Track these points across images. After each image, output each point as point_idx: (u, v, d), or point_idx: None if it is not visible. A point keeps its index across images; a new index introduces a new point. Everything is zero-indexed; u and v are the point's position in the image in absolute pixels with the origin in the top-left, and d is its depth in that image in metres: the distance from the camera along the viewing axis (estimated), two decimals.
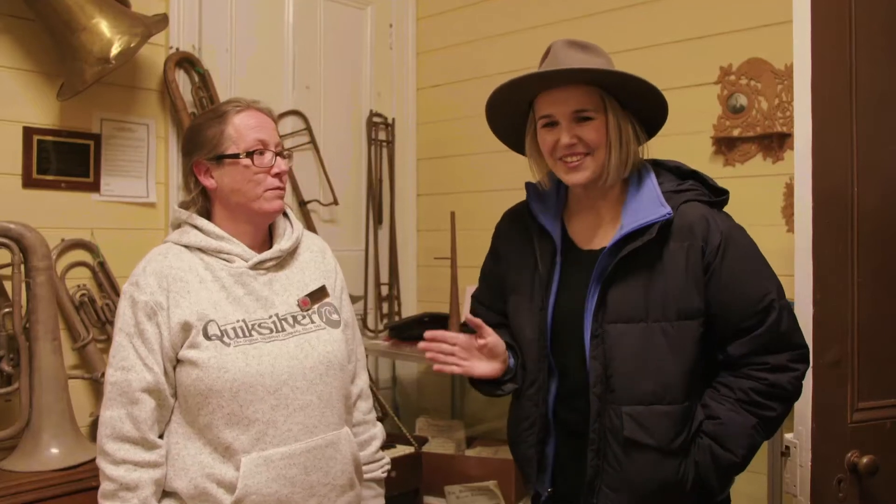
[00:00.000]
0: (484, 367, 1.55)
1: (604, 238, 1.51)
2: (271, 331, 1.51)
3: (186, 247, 1.54)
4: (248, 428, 1.45)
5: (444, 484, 2.77)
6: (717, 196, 1.51)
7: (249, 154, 1.52)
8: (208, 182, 1.55)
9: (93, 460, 2.02)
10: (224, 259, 1.53)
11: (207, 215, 1.58)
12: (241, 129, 1.53)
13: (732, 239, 1.45)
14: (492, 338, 1.53)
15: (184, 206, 1.60)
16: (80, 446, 2.05)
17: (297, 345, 1.52)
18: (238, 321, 1.49)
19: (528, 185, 1.62)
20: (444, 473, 2.79)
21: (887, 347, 1.76)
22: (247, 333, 1.48)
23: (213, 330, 1.46)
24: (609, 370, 1.43)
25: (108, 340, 2.40)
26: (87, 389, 2.37)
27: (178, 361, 1.48)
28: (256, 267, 1.55)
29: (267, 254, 1.56)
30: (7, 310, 2.05)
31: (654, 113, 1.51)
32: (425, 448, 2.89)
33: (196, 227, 1.55)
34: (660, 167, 1.55)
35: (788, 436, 1.68)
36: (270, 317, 1.52)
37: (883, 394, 1.74)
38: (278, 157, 1.56)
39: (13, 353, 2.04)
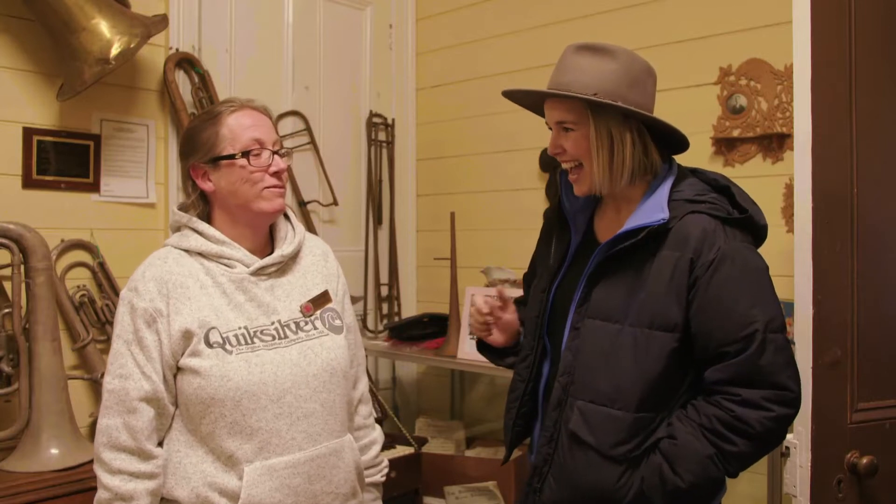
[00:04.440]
0: (499, 338, 1.68)
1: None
2: (273, 338, 1.48)
3: (186, 251, 1.50)
4: (251, 437, 1.43)
5: (444, 484, 2.77)
6: (740, 213, 1.45)
7: (245, 154, 1.48)
8: (206, 185, 1.52)
9: (92, 461, 2.04)
10: (225, 264, 1.50)
11: (208, 219, 1.55)
12: (236, 129, 1.49)
13: (731, 258, 1.38)
14: (509, 316, 1.67)
15: (183, 208, 1.57)
16: (79, 447, 2.05)
17: (300, 352, 1.50)
18: (240, 328, 1.46)
19: (562, 175, 1.61)
20: (443, 474, 2.79)
21: (887, 347, 1.76)
22: (249, 341, 1.46)
23: (214, 337, 1.43)
24: (576, 362, 1.45)
25: (108, 341, 2.40)
26: (86, 390, 2.37)
27: (179, 369, 1.45)
28: (258, 273, 1.52)
29: (268, 259, 1.53)
30: (7, 310, 2.05)
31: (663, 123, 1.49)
32: (425, 448, 2.89)
33: (196, 231, 1.52)
34: (696, 176, 1.53)
35: (788, 436, 1.68)
36: (273, 323, 1.50)
37: (882, 394, 1.74)
38: (276, 156, 1.52)
39: (13, 354, 2.04)
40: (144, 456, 1.42)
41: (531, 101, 1.58)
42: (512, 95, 1.57)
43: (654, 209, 1.43)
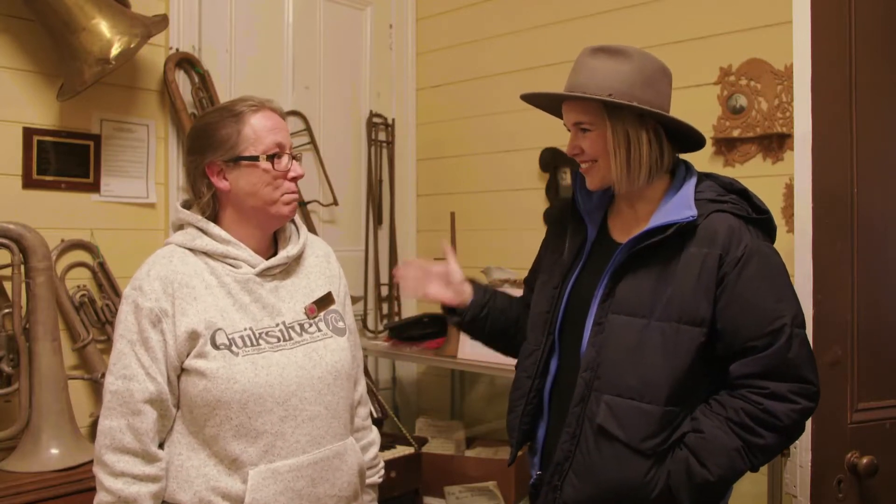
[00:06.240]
0: (440, 291, 1.71)
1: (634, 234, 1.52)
2: (279, 339, 1.47)
3: (191, 250, 1.48)
4: (255, 440, 1.41)
5: (444, 484, 2.77)
6: (758, 214, 1.49)
7: (270, 157, 1.47)
8: (222, 184, 1.48)
9: (92, 461, 2.04)
10: (230, 264, 1.48)
11: (213, 217, 1.53)
12: (260, 131, 1.47)
13: (757, 255, 1.42)
14: (452, 265, 1.72)
15: (186, 205, 1.55)
16: (79, 447, 2.05)
17: (305, 354, 1.49)
18: (245, 329, 1.44)
19: (577, 175, 1.62)
20: (443, 474, 2.79)
21: (887, 347, 1.76)
22: (254, 342, 1.44)
23: (221, 339, 1.42)
24: (600, 357, 1.46)
25: (108, 341, 2.40)
26: (86, 390, 2.37)
27: (183, 370, 1.43)
28: (263, 273, 1.50)
29: (274, 260, 1.52)
30: (7, 310, 2.05)
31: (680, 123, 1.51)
32: (425, 448, 2.89)
33: (201, 230, 1.50)
34: (712, 179, 1.55)
35: None
36: (277, 325, 1.48)
37: (882, 394, 1.74)
38: (294, 161, 1.52)
39: (13, 354, 2.04)
40: (149, 458, 1.40)
41: (548, 103, 1.59)
42: (529, 99, 1.59)
43: (681, 207, 1.46)
